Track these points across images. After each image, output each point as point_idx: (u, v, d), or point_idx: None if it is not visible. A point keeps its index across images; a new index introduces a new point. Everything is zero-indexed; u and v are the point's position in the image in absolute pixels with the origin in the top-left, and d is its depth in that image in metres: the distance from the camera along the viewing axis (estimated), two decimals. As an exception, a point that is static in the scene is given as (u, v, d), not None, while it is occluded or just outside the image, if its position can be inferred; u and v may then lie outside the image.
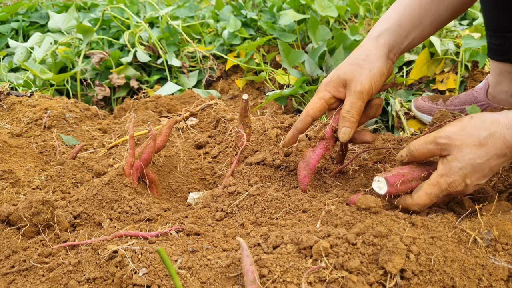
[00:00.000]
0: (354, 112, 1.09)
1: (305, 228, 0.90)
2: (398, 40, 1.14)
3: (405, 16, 1.14)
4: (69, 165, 1.41)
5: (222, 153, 1.53)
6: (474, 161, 0.91)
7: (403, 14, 1.14)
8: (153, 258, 0.85)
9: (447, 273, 0.75)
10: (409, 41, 1.15)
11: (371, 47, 1.12)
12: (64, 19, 2.85)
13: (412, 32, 1.14)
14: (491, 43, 1.49)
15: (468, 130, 0.93)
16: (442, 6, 1.13)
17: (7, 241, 0.96)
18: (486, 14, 1.43)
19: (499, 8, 1.36)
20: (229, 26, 2.61)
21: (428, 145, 0.96)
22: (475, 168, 0.91)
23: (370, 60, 1.10)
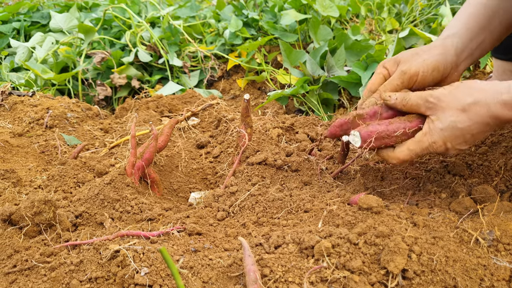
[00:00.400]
0: (388, 87, 1.10)
1: (306, 228, 0.90)
2: (466, 43, 1.12)
3: (471, 20, 1.13)
4: (70, 164, 1.41)
5: (224, 153, 1.53)
6: (455, 124, 0.94)
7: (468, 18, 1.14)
8: (155, 257, 0.85)
9: (449, 273, 0.75)
10: (479, 44, 1.13)
11: (438, 44, 1.12)
12: (65, 19, 2.85)
13: (481, 34, 1.13)
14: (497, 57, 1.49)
15: (455, 94, 0.95)
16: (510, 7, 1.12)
17: (9, 241, 0.96)
18: None
19: None
20: (231, 26, 2.61)
21: (419, 100, 0.99)
22: (455, 132, 0.94)
23: (430, 52, 1.10)
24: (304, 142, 1.54)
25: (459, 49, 1.11)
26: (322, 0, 2.50)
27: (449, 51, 1.10)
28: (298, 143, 1.52)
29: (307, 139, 1.57)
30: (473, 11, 1.14)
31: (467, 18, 1.14)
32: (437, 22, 2.40)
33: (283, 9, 2.72)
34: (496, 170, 1.13)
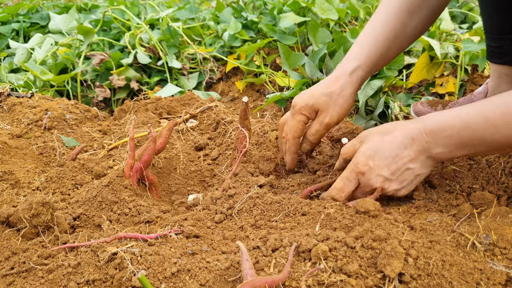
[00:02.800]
0: (317, 136, 1.26)
1: (304, 231, 0.90)
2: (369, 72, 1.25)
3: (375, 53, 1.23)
4: (69, 166, 1.41)
5: (222, 155, 1.54)
6: (377, 145, 1.03)
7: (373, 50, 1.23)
8: (152, 260, 0.86)
9: (445, 277, 0.75)
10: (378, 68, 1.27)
11: (346, 84, 1.22)
12: (64, 20, 2.85)
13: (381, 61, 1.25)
14: (490, 46, 1.50)
15: (382, 126, 1.08)
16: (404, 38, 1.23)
17: (6, 243, 0.96)
18: (485, 17, 1.44)
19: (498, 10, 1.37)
20: (230, 28, 2.62)
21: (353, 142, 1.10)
22: (378, 152, 1.03)
23: (344, 96, 1.22)
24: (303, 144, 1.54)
25: (363, 78, 1.25)
26: (321, 3, 2.50)
27: (356, 86, 1.23)
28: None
29: (305, 141, 1.57)
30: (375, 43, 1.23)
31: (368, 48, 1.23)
32: (435, 26, 2.41)
33: (282, 11, 2.73)
34: (494, 174, 1.14)
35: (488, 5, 1.36)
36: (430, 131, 0.98)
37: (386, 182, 1.04)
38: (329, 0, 2.73)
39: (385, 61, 1.27)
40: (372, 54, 1.23)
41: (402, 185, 1.04)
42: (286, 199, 1.11)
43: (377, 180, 1.03)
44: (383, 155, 1.02)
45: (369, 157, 1.03)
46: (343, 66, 1.25)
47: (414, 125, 1.01)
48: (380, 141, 1.03)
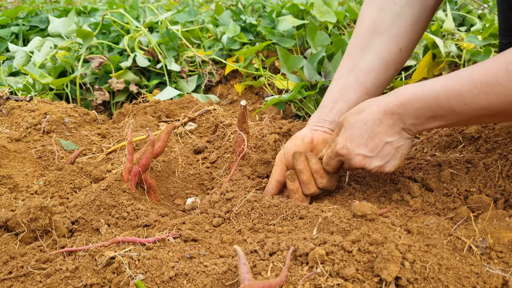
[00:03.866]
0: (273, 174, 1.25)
1: (301, 235, 0.90)
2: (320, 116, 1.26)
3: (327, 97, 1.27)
4: (67, 170, 1.41)
5: (221, 158, 1.54)
6: (353, 124, 1.05)
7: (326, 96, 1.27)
8: (150, 264, 0.86)
9: (442, 281, 0.75)
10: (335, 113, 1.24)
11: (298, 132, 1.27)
12: (64, 23, 2.86)
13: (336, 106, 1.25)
14: (501, 43, 1.50)
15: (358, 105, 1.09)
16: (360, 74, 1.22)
17: (4, 247, 0.96)
18: (499, 14, 1.45)
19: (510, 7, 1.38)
20: (229, 31, 2.62)
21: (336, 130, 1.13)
22: (354, 132, 1.04)
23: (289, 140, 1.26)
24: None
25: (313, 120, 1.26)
26: (319, 6, 2.51)
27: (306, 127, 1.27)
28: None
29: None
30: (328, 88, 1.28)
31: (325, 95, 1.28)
32: (437, 25, 2.42)
33: (281, 14, 2.73)
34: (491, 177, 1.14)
35: (502, 2, 1.37)
36: (401, 103, 0.99)
37: (367, 160, 1.05)
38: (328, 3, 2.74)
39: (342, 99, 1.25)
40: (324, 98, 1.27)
41: (385, 160, 1.05)
42: (284, 202, 1.11)
43: (357, 159, 1.05)
44: (359, 134, 1.04)
45: (346, 139, 1.06)
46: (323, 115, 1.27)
47: (387, 99, 1.02)
48: (355, 120, 1.05)
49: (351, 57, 1.24)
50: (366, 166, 1.06)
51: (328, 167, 1.15)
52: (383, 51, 1.20)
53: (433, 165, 1.23)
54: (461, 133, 1.39)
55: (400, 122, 1.00)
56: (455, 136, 1.38)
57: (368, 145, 1.04)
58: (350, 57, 1.25)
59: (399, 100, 0.99)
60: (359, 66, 1.22)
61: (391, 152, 1.04)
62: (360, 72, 1.21)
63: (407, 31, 1.20)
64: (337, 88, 1.24)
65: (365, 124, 1.03)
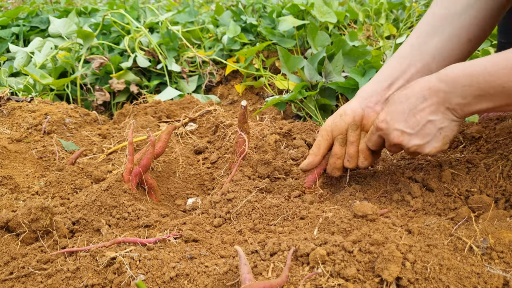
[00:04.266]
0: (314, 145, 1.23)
1: (302, 235, 0.90)
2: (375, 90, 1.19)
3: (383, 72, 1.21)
4: (68, 170, 1.41)
5: (221, 158, 1.54)
6: (396, 99, 1.02)
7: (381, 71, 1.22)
8: (151, 265, 0.86)
9: (443, 281, 0.75)
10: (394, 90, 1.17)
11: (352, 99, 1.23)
12: (64, 24, 2.86)
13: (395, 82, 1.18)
14: (500, 42, 1.50)
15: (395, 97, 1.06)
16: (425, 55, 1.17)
17: (6, 248, 0.96)
18: None
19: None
20: (229, 31, 2.62)
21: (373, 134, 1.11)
22: (395, 107, 1.02)
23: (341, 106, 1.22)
24: (302, 148, 1.54)
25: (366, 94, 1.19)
26: (320, 6, 2.51)
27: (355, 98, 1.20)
28: (296, 149, 1.53)
29: (304, 145, 1.57)
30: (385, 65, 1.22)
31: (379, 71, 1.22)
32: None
33: (281, 15, 2.73)
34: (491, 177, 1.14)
35: None
36: (448, 80, 0.95)
37: (405, 136, 1.02)
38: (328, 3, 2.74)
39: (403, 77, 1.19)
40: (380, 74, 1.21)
41: (426, 140, 1.01)
42: (284, 203, 1.11)
43: (395, 135, 1.02)
44: (400, 109, 1.01)
45: (387, 113, 1.03)
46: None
47: (434, 76, 0.98)
48: (398, 96, 1.02)
49: (417, 39, 1.19)
50: (404, 143, 1.02)
51: (369, 143, 1.13)
52: (453, 37, 1.16)
53: (434, 165, 1.23)
54: (461, 133, 1.39)
55: (446, 101, 0.96)
56: (456, 136, 1.38)
57: (409, 121, 1.00)
58: (416, 39, 1.19)
59: (445, 77, 0.95)
60: (426, 48, 1.17)
61: (433, 132, 1.00)
62: (427, 54, 1.16)
63: (478, 22, 1.16)
64: (400, 65, 1.18)
65: (407, 100, 1.00)
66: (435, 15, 1.19)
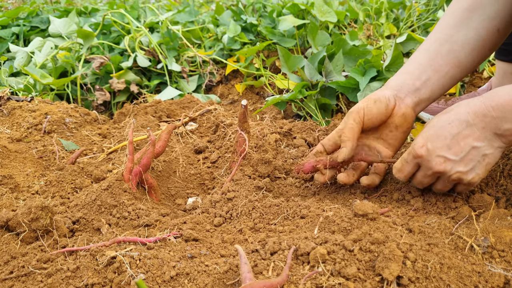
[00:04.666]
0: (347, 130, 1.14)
1: (302, 234, 0.90)
2: (405, 81, 1.15)
3: (411, 64, 1.16)
4: (68, 170, 1.41)
5: (222, 158, 1.54)
6: (436, 123, 0.96)
7: (408, 63, 1.17)
8: (151, 264, 0.86)
9: (444, 280, 0.75)
10: (423, 82, 1.14)
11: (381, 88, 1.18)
12: (64, 23, 2.86)
13: (424, 74, 1.14)
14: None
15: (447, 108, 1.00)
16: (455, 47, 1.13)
17: (6, 247, 0.96)
18: None
19: None
20: (229, 31, 2.62)
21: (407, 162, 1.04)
22: (436, 132, 0.96)
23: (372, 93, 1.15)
24: (302, 147, 1.54)
25: (396, 86, 1.15)
26: (320, 6, 2.51)
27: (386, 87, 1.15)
28: (296, 148, 1.53)
29: (304, 144, 1.57)
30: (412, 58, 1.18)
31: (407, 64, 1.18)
32: (435, 27, 2.41)
33: (281, 14, 2.73)
34: (492, 176, 1.14)
35: None
36: (498, 105, 0.89)
37: (448, 163, 0.96)
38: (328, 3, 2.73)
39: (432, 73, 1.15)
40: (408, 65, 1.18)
41: (469, 167, 0.95)
42: (285, 202, 1.11)
43: (437, 161, 0.96)
44: (442, 135, 0.95)
45: (427, 139, 0.97)
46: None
47: (478, 100, 0.92)
48: (439, 119, 0.96)
49: (443, 31, 1.15)
50: (447, 170, 0.96)
51: (400, 174, 1.06)
52: (481, 27, 1.11)
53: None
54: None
55: (494, 126, 0.91)
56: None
57: (452, 147, 0.94)
58: (442, 31, 1.15)
59: (494, 102, 0.90)
60: (454, 39, 1.13)
61: (477, 158, 0.95)
62: (455, 44, 1.12)
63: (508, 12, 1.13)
64: (426, 57, 1.14)
65: (450, 124, 0.94)
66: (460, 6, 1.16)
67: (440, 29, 1.16)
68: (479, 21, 1.12)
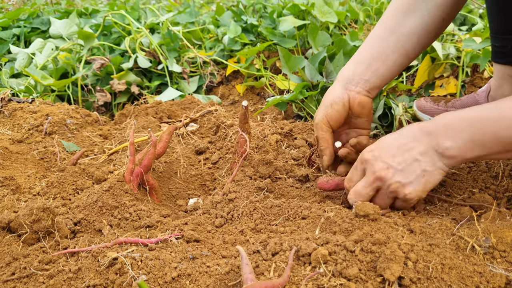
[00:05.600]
0: (320, 141, 1.24)
1: (304, 235, 0.90)
2: (356, 72, 1.22)
3: (362, 53, 1.23)
4: (69, 171, 1.41)
5: (222, 158, 1.54)
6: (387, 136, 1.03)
7: (360, 52, 1.24)
8: (153, 265, 0.86)
9: (445, 280, 0.75)
10: (372, 72, 1.20)
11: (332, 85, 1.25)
12: (65, 25, 2.86)
13: (373, 64, 1.21)
14: (494, 46, 1.50)
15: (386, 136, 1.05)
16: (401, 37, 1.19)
17: (7, 248, 0.96)
18: (491, 16, 1.44)
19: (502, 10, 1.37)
20: (230, 31, 2.62)
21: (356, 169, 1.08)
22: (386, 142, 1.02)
23: (325, 96, 1.23)
24: (303, 148, 1.54)
25: (349, 78, 1.22)
26: (320, 6, 2.51)
27: (337, 84, 1.23)
28: (297, 149, 1.53)
29: (305, 144, 1.57)
30: (365, 45, 1.24)
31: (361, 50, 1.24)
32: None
33: (281, 15, 2.73)
34: (493, 177, 1.14)
35: (492, 5, 1.36)
36: (443, 124, 0.95)
37: (390, 170, 0.99)
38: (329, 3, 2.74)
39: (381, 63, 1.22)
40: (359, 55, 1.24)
41: (409, 180, 0.98)
42: (286, 203, 1.11)
43: (381, 166, 1.00)
44: (390, 145, 1.01)
45: (375, 147, 1.03)
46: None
47: (429, 121, 0.99)
48: (390, 134, 1.03)
49: (392, 19, 1.21)
50: (388, 177, 0.99)
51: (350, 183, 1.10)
52: (427, 16, 1.17)
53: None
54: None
55: (435, 143, 0.95)
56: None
57: (396, 156, 0.99)
58: (390, 19, 1.21)
59: (440, 121, 0.96)
60: (401, 29, 1.19)
61: (417, 172, 0.98)
62: (402, 35, 1.19)
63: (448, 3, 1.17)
64: (376, 47, 1.21)
65: (398, 137, 1.01)
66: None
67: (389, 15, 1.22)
68: (426, 9, 1.17)
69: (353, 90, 1.21)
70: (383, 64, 1.20)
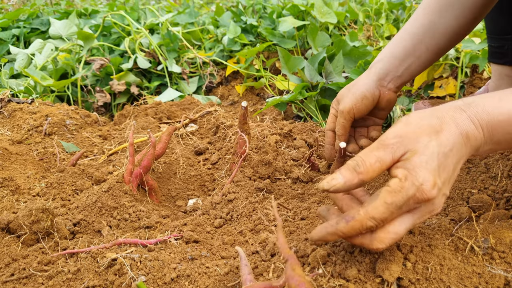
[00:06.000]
0: (339, 127, 1.22)
1: (303, 236, 0.90)
2: (390, 68, 1.21)
3: (397, 47, 1.22)
4: (69, 172, 1.41)
5: (222, 159, 1.54)
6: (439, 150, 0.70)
7: (395, 46, 1.23)
8: (152, 266, 0.86)
9: (444, 281, 0.75)
10: (405, 68, 1.20)
11: (363, 75, 1.23)
12: (65, 25, 2.86)
13: (407, 60, 1.20)
14: (491, 46, 1.51)
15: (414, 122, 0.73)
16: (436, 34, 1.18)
17: (7, 249, 0.96)
18: (487, 17, 1.45)
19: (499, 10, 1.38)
20: (229, 32, 2.63)
21: (375, 152, 0.71)
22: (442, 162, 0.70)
23: (357, 85, 1.21)
24: (302, 148, 1.54)
25: (382, 73, 1.20)
26: (320, 7, 2.51)
27: (371, 77, 1.21)
28: (296, 150, 1.53)
29: (305, 145, 1.57)
30: (398, 39, 1.23)
31: (395, 44, 1.23)
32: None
33: (281, 15, 2.73)
34: (492, 177, 1.14)
35: None
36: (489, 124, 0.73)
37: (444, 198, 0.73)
38: (328, 4, 2.74)
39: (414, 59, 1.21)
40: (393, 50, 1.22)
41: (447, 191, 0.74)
42: (285, 203, 1.11)
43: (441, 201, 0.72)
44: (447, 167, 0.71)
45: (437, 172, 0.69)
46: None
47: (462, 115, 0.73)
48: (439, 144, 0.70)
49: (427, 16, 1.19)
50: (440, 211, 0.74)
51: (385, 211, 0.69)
52: (460, 16, 1.17)
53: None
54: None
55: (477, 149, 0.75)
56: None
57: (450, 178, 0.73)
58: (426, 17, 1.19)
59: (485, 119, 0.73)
60: (437, 26, 1.18)
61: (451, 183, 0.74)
62: (437, 31, 1.18)
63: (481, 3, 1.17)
64: (409, 43, 1.20)
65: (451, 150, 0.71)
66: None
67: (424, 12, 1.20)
68: (461, 9, 1.16)
69: (385, 87, 1.21)
70: (417, 60, 1.19)
